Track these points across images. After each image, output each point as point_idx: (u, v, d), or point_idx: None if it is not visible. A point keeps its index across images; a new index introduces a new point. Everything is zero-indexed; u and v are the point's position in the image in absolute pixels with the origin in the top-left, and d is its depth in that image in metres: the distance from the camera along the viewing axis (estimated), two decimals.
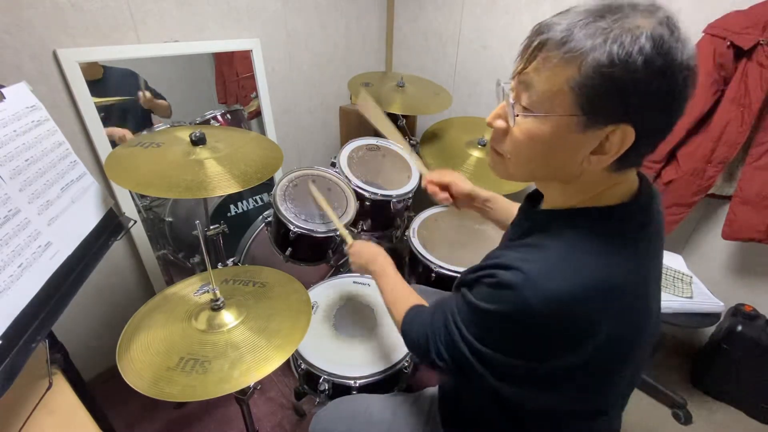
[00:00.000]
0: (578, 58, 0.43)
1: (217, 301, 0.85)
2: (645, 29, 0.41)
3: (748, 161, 1.27)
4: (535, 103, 0.48)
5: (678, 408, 1.47)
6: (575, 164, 0.50)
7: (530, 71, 0.48)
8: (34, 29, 1.09)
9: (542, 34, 0.46)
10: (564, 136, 0.48)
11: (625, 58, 0.41)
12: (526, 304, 0.47)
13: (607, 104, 0.44)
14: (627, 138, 0.45)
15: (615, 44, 0.41)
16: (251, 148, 1.12)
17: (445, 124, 1.80)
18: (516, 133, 0.51)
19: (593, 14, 0.43)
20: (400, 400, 0.88)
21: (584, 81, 0.43)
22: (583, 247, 0.50)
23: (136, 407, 1.44)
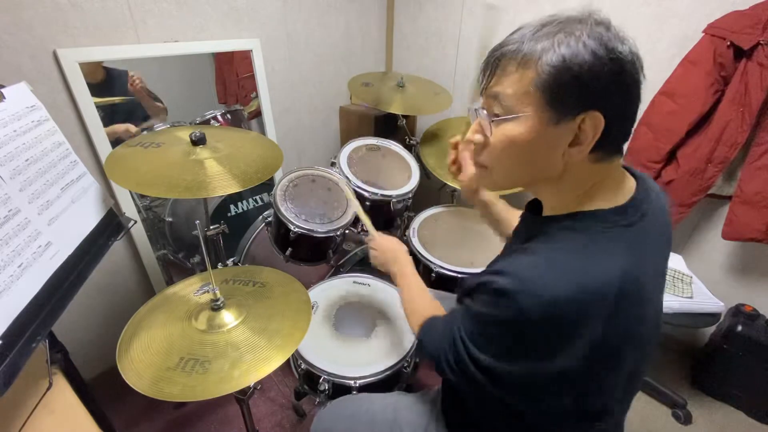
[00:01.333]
0: (533, 61, 0.48)
1: (217, 301, 0.85)
2: (584, 30, 0.47)
3: (748, 161, 1.27)
4: (506, 108, 0.52)
5: (678, 408, 1.47)
6: (557, 159, 0.53)
7: (494, 85, 0.53)
8: (34, 29, 1.09)
9: (497, 51, 0.52)
10: (539, 133, 0.51)
11: (573, 54, 0.46)
12: (521, 309, 0.48)
13: (570, 95, 0.48)
14: (598, 123, 0.49)
15: (562, 45, 0.47)
16: (251, 148, 1.12)
17: (445, 124, 1.80)
18: (494, 142, 0.54)
19: (537, 28, 0.50)
20: (402, 400, 0.88)
21: (544, 79, 0.48)
22: (574, 249, 0.51)
23: (136, 407, 1.44)
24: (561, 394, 0.55)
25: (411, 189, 1.50)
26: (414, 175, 1.55)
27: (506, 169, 0.56)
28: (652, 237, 0.56)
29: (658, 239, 0.57)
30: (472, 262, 1.34)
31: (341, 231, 1.33)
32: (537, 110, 0.50)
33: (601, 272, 0.49)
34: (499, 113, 0.52)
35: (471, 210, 1.64)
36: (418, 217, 1.54)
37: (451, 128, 1.77)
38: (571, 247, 0.52)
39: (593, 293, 0.48)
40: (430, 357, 0.66)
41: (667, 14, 1.35)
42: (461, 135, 0.93)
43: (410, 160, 1.61)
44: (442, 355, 0.61)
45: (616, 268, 0.49)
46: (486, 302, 0.53)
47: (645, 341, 0.56)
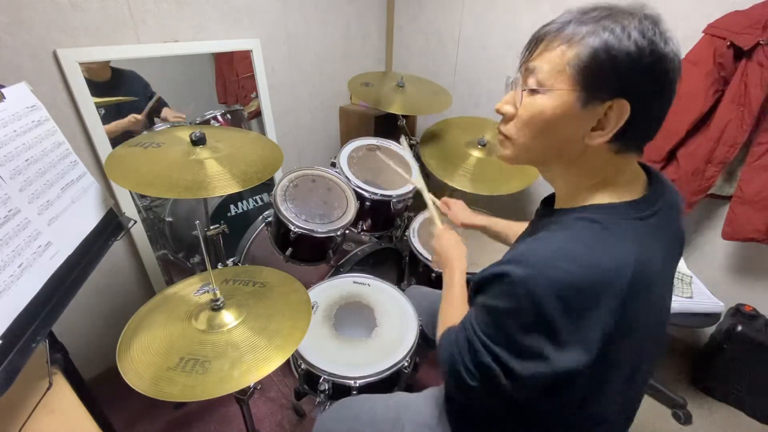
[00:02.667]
0: (575, 43, 0.49)
1: (217, 301, 0.85)
2: (632, 22, 0.47)
3: (748, 161, 1.27)
4: (540, 82, 0.53)
5: (678, 408, 1.47)
6: (577, 141, 0.53)
7: (534, 59, 0.54)
8: (34, 29, 1.09)
9: (542, 29, 0.53)
10: (566, 111, 0.51)
11: (617, 42, 0.47)
12: (533, 294, 0.48)
13: (604, 80, 0.49)
14: (623, 112, 0.49)
15: (607, 32, 0.47)
16: (251, 148, 1.12)
17: (445, 124, 1.80)
18: (522, 113, 0.56)
19: (586, 12, 0.50)
20: (404, 400, 0.87)
21: (582, 61, 0.49)
22: (588, 236, 0.51)
23: (136, 407, 1.44)
24: (569, 394, 0.54)
25: (411, 189, 1.50)
26: (414, 175, 1.55)
27: (527, 141, 0.57)
28: (663, 234, 0.56)
29: (668, 237, 0.57)
30: (472, 262, 1.33)
31: (341, 231, 1.32)
32: (569, 88, 0.50)
33: (615, 257, 0.49)
34: (533, 86, 0.54)
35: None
36: (418, 217, 1.54)
37: (451, 128, 1.77)
38: (585, 234, 0.52)
39: (607, 275, 0.48)
40: (446, 366, 0.62)
41: (667, 14, 1.34)
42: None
43: (410, 160, 1.61)
44: (458, 359, 0.58)
45: (631, 255, 0.49)
46: (498, 293, 0.52)
47: (644, 339, 0.56)
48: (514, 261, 0.51)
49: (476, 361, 0.55)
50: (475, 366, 0.56)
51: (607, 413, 0.62)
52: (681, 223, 0.62)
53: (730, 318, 1.44)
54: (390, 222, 1.56)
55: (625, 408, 0.67)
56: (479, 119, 1.78)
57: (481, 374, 0.55)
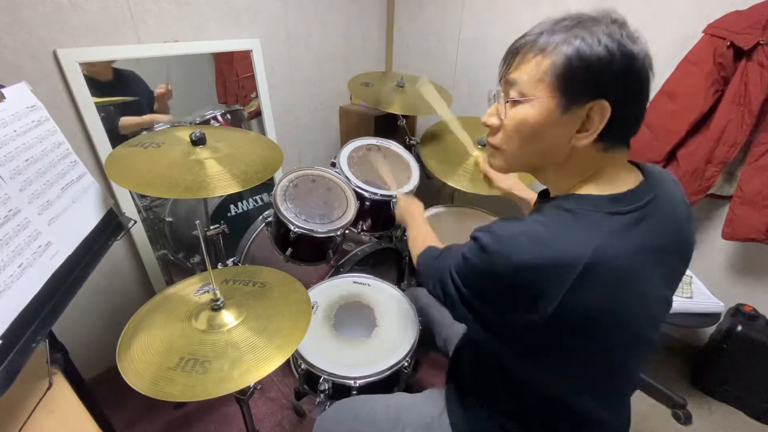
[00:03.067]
0: (550, 52, 0.52)
1: (217, 301, 0.85)
2: (600, 28, 0.51)
3: (748, 161, 1.27)
4: (521, 92, 0.56)
5: (678, 408, 1.47)
6: (563, 144, 0.57)
7: (512, 71, 0.57)
8: (34, 29, 1.09)
9: (518, 42, 0.57)
10: (549, 117, 0.55)
11: (588, 48, 0.50)
12: (493, 266, 0.54)
13: (581, 84, 0.52)
14: (605, 112, 0.52)
15: (578, 39, 0.51)
16: (251, 148, 1.12)
17: (445, 124, 1.79)
18: (507, 123, 0.59)
19: (557, 22, 0.54)
20: (404, 401, 0.88)
21: (557, 69, 0.52)
22: (555, 223, 0.55)
23: (136, 407, 1.44)
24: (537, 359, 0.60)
25: (411, 189, 1.50)
26: (414, 175, 1.55)
27: (516, 149, 0.61)
28: (657, 227, 0.56)
29: (665, 230, 0.57)
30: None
31: (341, 231, 1.32)
32: (549, 96, 0.54)
33: (571, 246, 0.51)
34: (515, 97, 0.57)
35: (471, 210, 1.64)
36: None
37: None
38: (553, 220, 0.55)
39: (557, 264, 0.51)
40: (425, 278, 0.74)
41: (667, 14, 1.35)
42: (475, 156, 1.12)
43: (410, 160, 1.61)
44: (433, 278, 0.69)
45: (589, 245, 0.51)
46: (471, 250, 0.59)
47: (618, 334, 0.56)
48: (489, 231, 0.57)
49: (443, 284, 0.65)
50: (441, 286, 0.66)
51: (597, 413, 0.63)
52: (685, 218, 0.62)
53: (730, 318, 1.44)
54: (390, 222, 1.56)
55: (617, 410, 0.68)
56: (479, 119, 1.77)
57: (444, 293, 0.66)
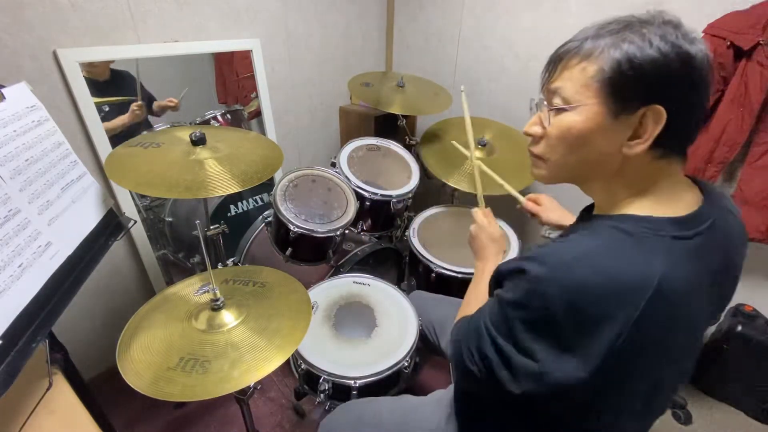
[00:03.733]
0: (596, 57, 0.49)
1: (217, 301, 0.85)
2: (651, 29, 0.47)
3: (748, 161, 1.27)
4: (566, 100, 0.52)
5: (678, 408, 1.47)
6: (614, 153, 0.52)
7: (555, 80, 0.54)
8: (34, 29, 1.09)
9: (560, 49, 0.53)
10: (597, 124, 0.51)
11: (639, 51, 0.46)
12: (546, 296, 0.47)
13: (632, 89, 0.48)
14: (659, 117, 0.48)
15: (626, 42, 0.47)
16: (251, 148, 1.12)
17: (445, 124, 1.80)
18: (551, 131, 0.55)
19: (603, 27, 0.50)
20: (410, 404, 0.87)
21: (606, 73, 0.48)
22: (615, 246, 0.49)
23: (136, 407, 1.44)
24: (573, 400, 0.53)
25: (411, 189, 1.50)
26: (414, 175, 1.55)
27: (561, 159, 0.56)
28: (714, 255, 0.53)
29: (719, 259, 0.54)
30: (472, 262, 1.33)
31: (341, 231, 1.32)
32: (597, 102, 0.50)
33: (640, 273, 0.46)
34: (559, 105, 0.53)
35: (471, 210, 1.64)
36: (418, 217, 1.54)
37: (451, 128, 1.77)
38: (613, 244, 0.49)
39: (626, 290, 0.46)
40: (452, 346, 0.63)
41: None
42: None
43: (410, 160, 1.61)
44: (463, 342, 0.60)
45: (656, 274, 0.46)
46: (513, 288, 0.52)
47: (666, 359, 0.53)
48: (534, 258, 0.50)
49: (479, 347, 0.56)
50: (477, 351, 0.56)
51: (626, 429, 0.60)
52: (735, 254, 0.58)
53: (730, 318, 1.44)
54: (390, 222, 1.56)
55: (643, 424, 0.64)
56: (479, 119, 1.78)
57: (482, 361, 0.55)
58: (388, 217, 1.53)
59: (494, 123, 1.74)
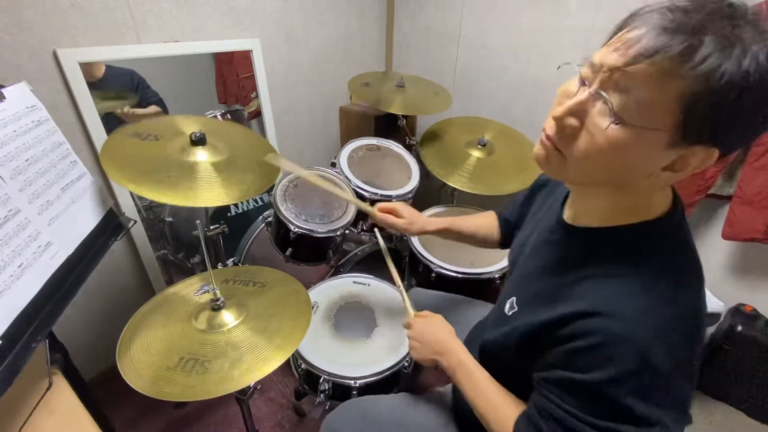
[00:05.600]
0: (703, 74, 0.36)
1: (217, 301, 0.85)
2: (752, 35, 0.36)
3: (748, 161, 1.27)
4: (631, 112, 0.41)
5: None
6: (642, 174, 0.45)
7: (633, 74, 0.40)
8: (34, 29, 1.09)
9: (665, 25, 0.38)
10: (648, 151, 0.42)
11: (736, 69, 0.35)
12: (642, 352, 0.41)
13: (708, 125, 0.39)
14: (709, 159, 0.42)
15: (726, 55, 0.35)
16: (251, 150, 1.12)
17: (445, 124, 1.80)
18: (599, 139, 0.43)
19: (720, 17, 0.37)
20: (411, 401, 0.87)
21: (701, 100, 0.37)
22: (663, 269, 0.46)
23: (136, 407, 1.44)
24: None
25: (411, 189, 1.50)
26: (414, 175, 1.55)
27: (592, 168, 0.47)
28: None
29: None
30: (471, 262, 1.34)
31: (341, 231, 1.32)
32: (665, 128, 0.40)
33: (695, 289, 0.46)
34: (619, 111, 0.41)
35: (471, 210, 1.64)
36: None
37: (451, 128, 1.77)
38: (658, 266, 0.46)
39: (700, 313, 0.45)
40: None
41: None
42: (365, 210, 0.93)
43: (410, 160, 1.61)
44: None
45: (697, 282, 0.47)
46: (592, 359, 0.44)
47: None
48: (602, 314, 0.43)
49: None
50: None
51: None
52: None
53: (730, 318, 1.44)
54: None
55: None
56: (479, 119, 1.78)
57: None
58: None
59: (494, 123, 1.74)
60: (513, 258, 0.76)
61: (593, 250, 0.52)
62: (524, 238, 0.73)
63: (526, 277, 0.64)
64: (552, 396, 0.49)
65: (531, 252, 0.67)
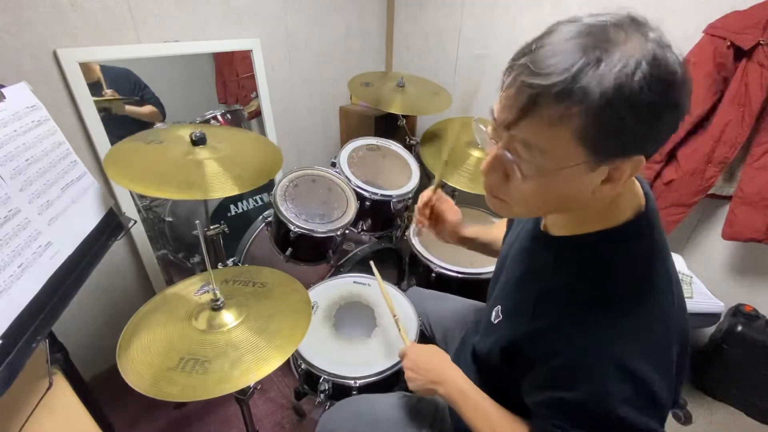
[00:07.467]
0: (583, 108, 0.39)
1: (217, 301, 0.85)
2: (644, 54, 0.38)
3: (748, 161, 1.27)
4: (540, 160, 0.44)
5: (678, 408, 1.47)
6: (586, 196, 0.48)
7: (524, 128, 0.43)
8: (34, 29, 1.09)
9: (534, 81, 0.40)
10: (575, 179, 0.45)
11: (630, 94, 0.37)
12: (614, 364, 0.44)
13: (618, 143, 0.41)
14: (638, 165, 0.44)
15: (609, 77, 0.37)
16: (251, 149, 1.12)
17: (445, 124, 1.80)
18: (524, 188, 0.47)
19: (583, 49, 0.38)
20: (406, 400, 0.87)
21: (591, 129, 0.40)
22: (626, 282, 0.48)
23: (136, 407, 1.44)
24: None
25: (411, 189, 1.50)
26: (414, 175, 1.55)
27: (531, 206, 0.51)
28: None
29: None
30: (471, 263, 1.34)
31: (341, 231, 1.32)
32: (578, 161, 0.43)
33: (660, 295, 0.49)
34: (528, 165, 0.45)
35: (471, 210, 1.64)
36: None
37: (451, 128, 1.77)
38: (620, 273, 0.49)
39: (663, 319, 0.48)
40: None
41: (667, 14, 1.35)
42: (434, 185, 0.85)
43: (410, 160, 1.61)
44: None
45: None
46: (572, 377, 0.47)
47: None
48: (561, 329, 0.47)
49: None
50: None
51: None
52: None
53: (730, 318, 1.44)
54: (390, 222, 1.56)
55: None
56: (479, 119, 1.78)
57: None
58: (388, 217, 1.53)
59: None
60: (500, 264, 0.76)
61: (563, 260, 0.54)
62: (509, 245, 0.73)
63: (509, 285, 0.66)
64: (551, 420, 0.50)
65: (512, 259, 0.68)
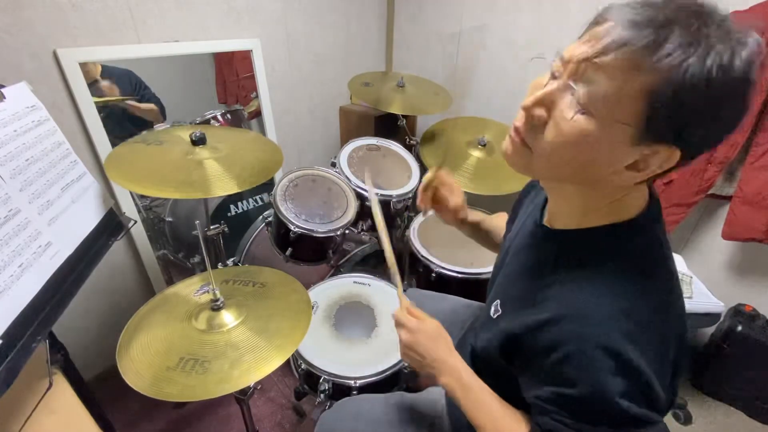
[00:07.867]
0: (667, 68, 0.37)
1: (217, 301, 0.85)
2: (747, 45, 0.37)
3: (748, 161, 1.27)
4: (597, 103, 0.41)
5: (678, 408, 1.47)
6: (606, 173, 0.46)
7: (599, 64, 0.40)
8: (34, 29, 1.09)
9: (628, 26, 0.39)
10: (612, 145, 0.43)
11: (722, 77, 0.36)
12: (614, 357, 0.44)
13: (675, 123, 0.39)
14: (670, 161, 0.42)
15: (713, 59, 0.36)
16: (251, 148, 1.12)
17: (445, 124, 1.80)
18: (565, 130, 0.44)
19: (688, 14, 0.37)
20: (405, 400, 0.87)
21: (665, 95, 0.38)
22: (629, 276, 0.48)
23: (136, 407, 1.44)
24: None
25: (411, 189, 1.50)
26: (414, 175, 1.55)
27: (556, 161, 0.47)
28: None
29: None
30: (472, 262, 1.34)
31: (341, 231, 1.32)
32: (630, 121, 0.40)
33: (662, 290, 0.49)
34: (584, 102, 0.42)
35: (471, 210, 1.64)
36: (418, 217, 1.54)
37: (451, 128, 1.77)
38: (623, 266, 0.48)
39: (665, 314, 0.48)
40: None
41: None
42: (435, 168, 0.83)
43: (410, 160, 1.61)
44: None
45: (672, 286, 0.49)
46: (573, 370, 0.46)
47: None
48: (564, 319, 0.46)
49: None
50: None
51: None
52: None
53: (730, 318, 1.44)
54: (390, 222, 1.56)
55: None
56: (479, 119, 1.78)
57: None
58: (388, 217, 1.53)
59: (494, 123, 1.74)
60: (500, 260, 0.75)
61: (564, 253, 0.53)
62: (510, 241, 0.73)
63: (508, 279, 0.66)
64: (553, 414, 0.49)
65: (513, 254, 0.67)
